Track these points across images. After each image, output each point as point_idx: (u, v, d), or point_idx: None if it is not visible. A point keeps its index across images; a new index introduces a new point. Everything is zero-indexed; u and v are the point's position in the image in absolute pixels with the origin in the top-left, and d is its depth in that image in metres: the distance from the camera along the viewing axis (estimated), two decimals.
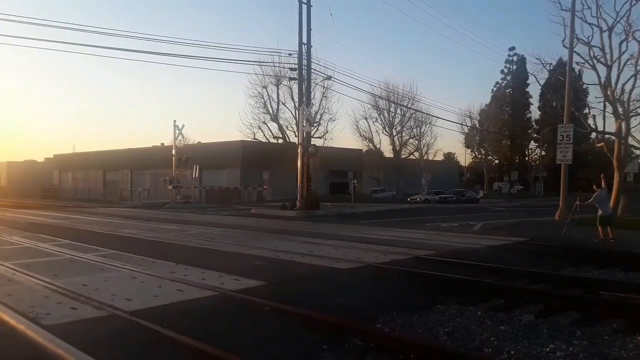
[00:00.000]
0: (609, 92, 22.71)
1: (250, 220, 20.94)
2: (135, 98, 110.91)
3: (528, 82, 67.78)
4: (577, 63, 23.90)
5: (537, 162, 66.15)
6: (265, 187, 39.51)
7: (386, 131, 56.73)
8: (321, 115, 43.43)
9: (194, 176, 36.24)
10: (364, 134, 56.63)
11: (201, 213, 23.45)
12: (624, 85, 22.65)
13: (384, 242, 11.96)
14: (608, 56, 22.36)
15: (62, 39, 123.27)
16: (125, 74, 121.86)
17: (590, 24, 22.53)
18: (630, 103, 22.75)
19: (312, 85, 33.00)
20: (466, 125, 65.97)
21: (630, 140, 24.41)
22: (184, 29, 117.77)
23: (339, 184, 48.06)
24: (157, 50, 69.44)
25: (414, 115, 55.78)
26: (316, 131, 41.74)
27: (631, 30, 21.69)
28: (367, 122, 56.38)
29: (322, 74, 34.52)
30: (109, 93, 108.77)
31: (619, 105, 22.72)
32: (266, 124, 45.07)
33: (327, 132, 45.44)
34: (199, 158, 37.43)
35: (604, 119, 36.16)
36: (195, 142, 46.80)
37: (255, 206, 32.50)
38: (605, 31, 22.21)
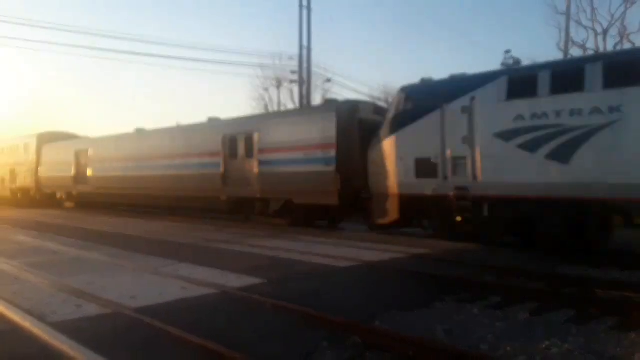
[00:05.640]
0: None
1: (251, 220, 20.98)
2: (136, 99, 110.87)
3: None
4: None
5: None
6: None
7: None
8: None
9: None
10: None
11: (204, 212, 23.53)
12: None
13: (383, 241, 12.05)
14: None
15: (60, 40, 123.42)
16: (126, 75, 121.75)
17: (585, 27, 22.73)
18: None
19: (313, 87, 33.10)
20: None
21: None
22: (185, 33, 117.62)
23: None
24: (160, 53, 69.25)
25: None
26: None
27: (626, 32, 21.83)
28: None
29: (322, 76, 34.61)
30: (109, 93, 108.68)
31: None
32: None
33: None
34: None
35: None
36: None
37: None
38: (600, 34, 22.35)
